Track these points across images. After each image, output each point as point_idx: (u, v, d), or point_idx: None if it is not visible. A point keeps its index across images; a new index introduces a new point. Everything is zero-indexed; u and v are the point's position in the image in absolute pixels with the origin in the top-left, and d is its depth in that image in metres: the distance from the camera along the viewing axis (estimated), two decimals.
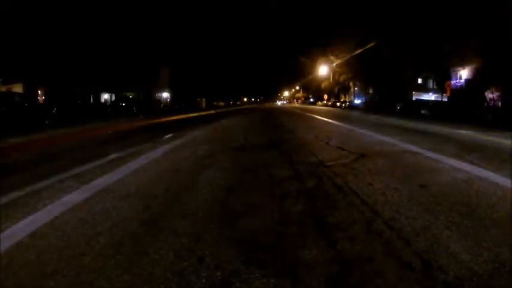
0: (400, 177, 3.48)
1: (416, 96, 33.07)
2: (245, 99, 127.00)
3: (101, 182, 3.32)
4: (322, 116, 16.80)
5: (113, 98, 34.10)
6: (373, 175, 3.59)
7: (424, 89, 35.68)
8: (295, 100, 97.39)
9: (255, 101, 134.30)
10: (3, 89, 26.75)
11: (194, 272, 1.59)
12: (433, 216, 2.35)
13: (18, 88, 27.52)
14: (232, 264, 1.66)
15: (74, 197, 2.81)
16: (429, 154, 4.96)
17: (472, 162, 4.37)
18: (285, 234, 2.05)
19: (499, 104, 19.64)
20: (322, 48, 46.64)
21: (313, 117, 16.45)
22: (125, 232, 2.07)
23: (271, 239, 1.98)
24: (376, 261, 1.70)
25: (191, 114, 20.97)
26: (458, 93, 23.25)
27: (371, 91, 39.93)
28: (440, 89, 26.19)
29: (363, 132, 8.46)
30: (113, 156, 4.83)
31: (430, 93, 33.97)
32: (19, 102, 11.96)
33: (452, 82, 24.31)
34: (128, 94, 33.74)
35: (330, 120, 13.51)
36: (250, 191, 3.01)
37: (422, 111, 22.32)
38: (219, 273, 1.58)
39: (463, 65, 24.06)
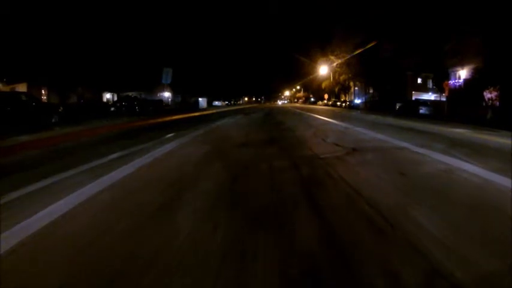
0: (384, 168, 3.88)
1: (416, 96, 33.46)
2: (246, 99, 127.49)
3: (112, 176, 3.45)
4: (321, 116, 17.16)
5: (115, 97, 34.55)
6: (361, 166, 3.99)
7: (423, 88, 36.08)
8: (295, 100, 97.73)
9: (256, 101, 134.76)
10: (8, 88, 27.23)
11: (211, 235, 2.01)
12: (407, 197, 2.75)
13: (22, 88, 27.98)
14: (241, 230, 2.07)
15: (84, 191, 2.89)
16: (417, 149, 5.34)
17: (456, 157, 4.75)
18: (283, 212, 2.45)
19: (497, 103, 19.99)
20: (323, 48, 47.04)
21: (313, 116, 16.80)
22: (142, 216, 2.47)
23: (271, 215, 2.38)
24: (357, 228, 2.10)
25: (193, 114, 21.37)
26: (457, 93, 23.62)
27: (371, 91, 40.29)
28: (439, 88, 26.53)
29: (359, 130, 8.84)
30: (120, 153, 5.02)
31: (430, 93, 34.35)
32: (26, 101, 12.25)
33: (451, 82, 24.66)
34: (130, 94, 34.23)
35: (329, 120, 13.87)
36: (253, 177, 3.42)
37: (421, 111, 22.69)
38: (230, 237, 1.99)
39: (462, 65, 24.37)
